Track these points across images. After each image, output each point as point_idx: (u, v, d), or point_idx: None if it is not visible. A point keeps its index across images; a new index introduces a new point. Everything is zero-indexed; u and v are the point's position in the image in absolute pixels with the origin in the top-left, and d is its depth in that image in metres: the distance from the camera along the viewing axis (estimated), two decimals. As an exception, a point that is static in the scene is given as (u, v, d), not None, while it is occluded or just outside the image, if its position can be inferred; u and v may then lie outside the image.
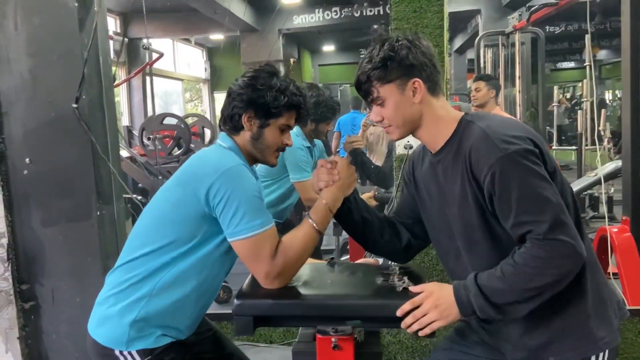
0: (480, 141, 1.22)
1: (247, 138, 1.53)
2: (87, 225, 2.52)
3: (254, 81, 1.51)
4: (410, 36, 1.33)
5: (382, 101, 1.32)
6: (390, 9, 2.50)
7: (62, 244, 2.53)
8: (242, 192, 1.37)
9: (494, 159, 1.18)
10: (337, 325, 1.42)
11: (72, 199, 2.51)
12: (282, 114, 1.52)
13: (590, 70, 5.49)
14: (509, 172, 1.17)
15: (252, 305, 1.39)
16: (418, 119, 1.33)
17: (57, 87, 2.46)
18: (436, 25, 2.44)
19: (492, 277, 1.21)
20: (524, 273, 1.17)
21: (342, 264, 1.71)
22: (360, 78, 1.33)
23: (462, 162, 1.25)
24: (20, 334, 2.54)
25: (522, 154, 1.17)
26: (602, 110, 6.63)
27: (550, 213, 1.15)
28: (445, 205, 1.35)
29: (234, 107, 1.52)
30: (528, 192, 1.16)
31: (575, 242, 1.15)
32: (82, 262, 2.53)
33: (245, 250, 1.38)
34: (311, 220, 1.43)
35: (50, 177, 2.50)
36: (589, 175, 4.93)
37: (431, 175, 1.39)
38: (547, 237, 1.15)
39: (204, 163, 1.46)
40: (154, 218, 1.48)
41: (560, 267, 1.16)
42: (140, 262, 1.43)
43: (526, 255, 1.17)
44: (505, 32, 6.70)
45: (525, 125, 1.31)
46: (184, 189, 1.42)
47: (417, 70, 1.29)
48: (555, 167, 1.25)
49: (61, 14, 2.43)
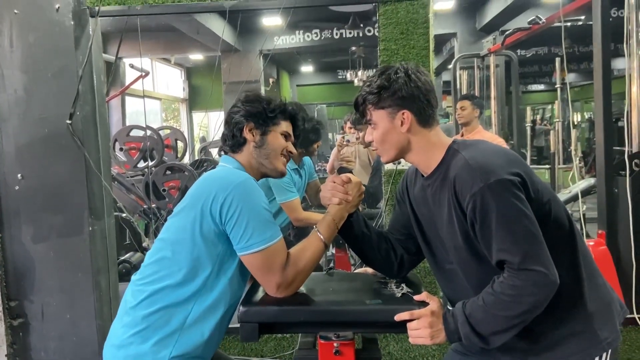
0: (463, 170, 1.28)
1: (251, 149, 1.59)
2: (79, 240, 2.52)
3: (247, 99, 1.62)
4: (411, 69, 1.38)
5: (374, 124, 1.40)
6: (378, 31, 2.60)
7: (53, 260, 2.52)
8: (253, 206, 1.41)
9: (475, 188, 1.23)
10: (340, 331, 1.47)
11: (64, 215, 2.52)
12: (279, 121, 1.62)
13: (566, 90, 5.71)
14: (489, 202, 1.22)
15: (257, 312, 1.43)
16: (406, 145, 1.39)
17: (51, 103, 2.49)
18: (422, 47, 2.55)
19: (476, 306, 1.28)
20: (502, 301, 1.24)
21: (341, 274, 1.76)
22: (358, 99, 1.42)
23: (447, 189, 1.31)
24: (9, 351, 2.51)
25: (502, 184, 1.22)
26: (572, 131, 6.87)
27: (524, 244, 1.22)
28: (437, 227, 1.42)
29: (234, 125, 1.60)
30: (504, 223, 1.22)
31: (547, 270, 1.21)
32: (72, 278, 2.53)
33: (257, 263, 1.41)
34: (319, 233, 1.49)
35: (42, 193, 2.50)
36: (563, 192, 5.09)
37: (422, 197, 1.45)
38: (521, 267, 1.22)
39: (213, 181, 1.48)
40: (168, 246, 1.46)
41: (535, 294, 1.22)
42: (161, 296, 1.41)
43: (504, 285, 1.24)
44: (480, 55, 6.93)
45: (509, 153, 1.37)
46: (195, 210, 1.43)
47: (408, 102, 1.36)
48: (539, 190, 1.31)
49: (57, 32, 2.47)
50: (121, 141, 4.74)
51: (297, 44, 8.74)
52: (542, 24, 5.09)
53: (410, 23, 2.55)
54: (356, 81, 11.69)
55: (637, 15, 3.59)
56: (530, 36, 6.33)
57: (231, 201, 1.39)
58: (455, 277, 1.42)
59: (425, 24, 2.54)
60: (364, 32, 8.21)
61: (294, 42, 8.69)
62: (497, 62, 6.80)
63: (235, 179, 1.44)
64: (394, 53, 2.58)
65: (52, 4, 2.45)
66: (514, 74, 6.97)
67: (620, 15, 6.26)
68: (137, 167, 4.83)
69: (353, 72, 11.75)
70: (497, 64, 6.81)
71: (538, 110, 16.24)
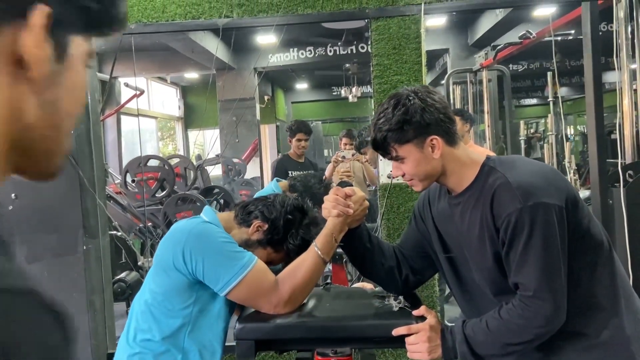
0: (502, 189, 1.24)
1: (242, 235, 1.53)
2: (73, 260, 2.51)
3: (292, 207, 1.54)
4: (421, 93, 1.33)
5: (402, 159, 1.34)
6: (370, 47, 2.62)
7: (47, 280, 2.50)
8: (213, 246, 1.39)
9: (512, 208, 1.21)
10: (338, 347, 1.46)
11: (58, 234, 2.50)
12: (284, 250, 1.55)
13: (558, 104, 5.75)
14: (523, 223, 1.20)
15: (253, 329, 1.42)
16: (440, 170, 1.34)
17: (45, 122, 2.48)
18: (415, 62, 2.57)
19: (478, 328, 1.28)
20: (507, 329, 1.24)
21: (338, 288, 1.75)
22: (378, 138, 1.34)
23: (482, 208, 1.28)
24: (1, 374, 2.47)
25: (540, 208, 1.20)
26: (566, 144, 6.92)
27: (545, 274, 1.20)
28: (463, 246, 1.38)
29: (255, 210, 1.54)
30: (532, 247, 1.20)
31: (560, 307, 1.21)
32: (67, 298, 2.50)
33: (243, 294, 1.39)
34: (316, 248, 1.46)
35: (36, 212, 2.49)
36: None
37: (448, 215, 1.41)
38: (535, 295, 1.21)
39: (172, 234, 1.47)
40: (146, 307, 1.44)
41: (542, 327, 1.22)
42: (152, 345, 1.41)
43: (512, 312, 1.23)
44: (473, 70, 6.99)
45: (550, 174, 1.32)
46: (163, 268, 1.42)
47: (433, 128, 1.31)
48: (580, 209, 1.28)
49: (51, 51, 2.47)
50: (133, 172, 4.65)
51: (291, 61, 8.79)
52: (533, 39, 5.15)
53: (402, 38, 2.57)
54: (350, 97, 11.75)
55: (626, 28, 3.64)
56: (522, 51, 6.40)
57: (190, 249, 1.37)
58: (478, 297, 1.39)
59: (418, 39, 2.56)
60: (357, 49, 8.27)
61: (288, 59, 8.75)
62: (490, 77, 6.86)
63: (187, 228, 1.42)
64: (387, 68, 2.59)
65: (46, 24, 2.46)
66: (506, 88, 7.03)
67: (610, 29, 6.35)
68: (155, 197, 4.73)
69: (347, 89, 11.81)
70: (490, 78, 6.87)
71: (532, 124, 16.37)
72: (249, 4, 2.60)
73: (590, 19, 3.31)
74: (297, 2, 2.58)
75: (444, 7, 2.58)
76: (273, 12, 2.59)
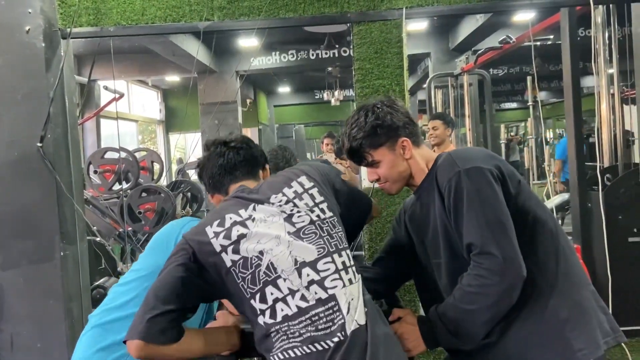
0: (445, 162, 1.37)
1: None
2: (50, 266, 2.45)
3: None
4: (386, 101, 1.47)
5: (377, 163, 1.45)
6: (352, 51, 2.62)
7: (23, 287, 2.45)
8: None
9: (452, 173, 1.31)
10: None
11: (35, 240, 2.45)
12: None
13: (538, 108, 5.83)
14: (462, 185, 1.29)
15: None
16: (409, 170, 1.46)
17: (21, 126, 2.44)
18: (396, 66, 2.57)
19: (447, 305, 1.30)
20: (468, 294, 1.26)
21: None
22: (354, 146, 1.46)
23: (433, 186, 1.38)
24: (-25, 384, 2.41)
25: (478, 171, 1.30)
26: (545, 147, 7.01)
27: (489, 229, 1.25)
28: (424, 237, 1.45)
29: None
30: (475, 206, 1.27)
31: (506, 257, 1.22)
32: (43, 305, 2.45)
33: None
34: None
35: (11, 218, 2.44)
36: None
37: (413, 212, 1.51)
38: (482, 250, 1.24)
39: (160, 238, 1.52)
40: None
41: (497, 283, 1.23)
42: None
43: (469, 276, 1.26)
44: (454, 74, 7.05)
45: (493, 154, 1.44)
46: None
47: (402, 130, 1.44)
48: (522, 188, 1.35)
49: (27, 54, 2.43)
50: (95, 164, 4.65)
51: (273, 64, 8.76)
52: (513, 44, 5.21)
53: (384, 42, 2.57)
54: (333, 101, 11.78)
55: (603, 34, 3.70)
56: (502, 55, 6.48)
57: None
58: (438, 293, 1.42)
59: (399, 43, 2.57)
60: (339, 53, 8.29)
61: (270, 62, 8.72)
62: (471, 81, 6.92)
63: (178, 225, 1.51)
64: (369, 72, 2.59)
65: (22, 26, 2.42)
66: (487, 92, 7.09)
67: (588, 34, 6.46)
68: (112, 190, 4.72)
69: (330, 92, 11.85)
70: (471, 82, 6.93)
71: (512, 127, 16.58)
72: (230, 7, 2.58)
73: (569, 25, 3.36)
74: (278, 6, 2.57)
75: (425, 11, 2.59)
76: (254, 16, 2.58)
